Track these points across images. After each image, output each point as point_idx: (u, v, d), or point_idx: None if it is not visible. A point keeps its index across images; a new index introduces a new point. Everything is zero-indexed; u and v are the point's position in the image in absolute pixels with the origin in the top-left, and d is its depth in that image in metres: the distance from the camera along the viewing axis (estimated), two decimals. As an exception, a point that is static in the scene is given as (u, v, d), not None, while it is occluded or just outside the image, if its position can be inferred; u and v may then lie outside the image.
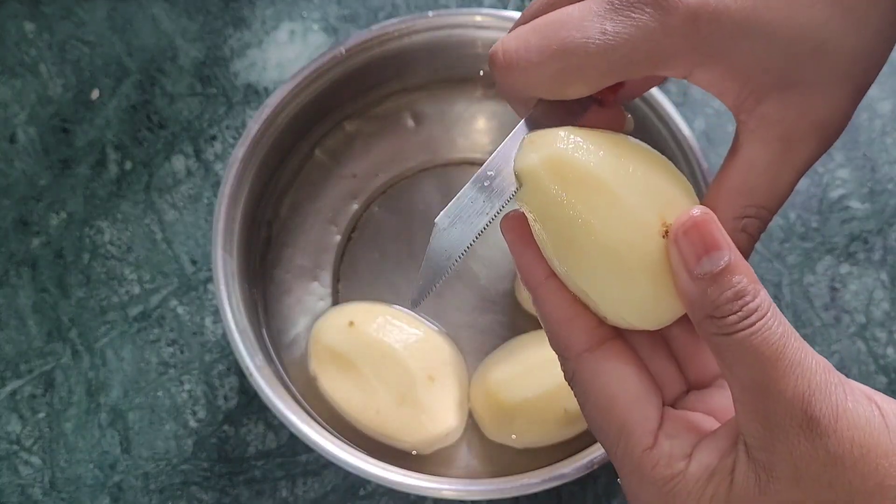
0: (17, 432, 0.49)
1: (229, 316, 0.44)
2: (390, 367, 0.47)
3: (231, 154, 0.48)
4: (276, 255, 0.51)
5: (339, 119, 0.53)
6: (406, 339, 0.47)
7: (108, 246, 0.53)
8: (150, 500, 0.48)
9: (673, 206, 0.26)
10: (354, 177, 0.53)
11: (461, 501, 0.44)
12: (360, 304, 0.50)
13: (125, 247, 0.53)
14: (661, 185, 0.26)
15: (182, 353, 0.51)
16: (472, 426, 0.48)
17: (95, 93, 0.57)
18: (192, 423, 0.49)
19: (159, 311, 0.52)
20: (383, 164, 0.54)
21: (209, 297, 0.52)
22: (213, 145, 0.55)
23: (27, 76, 0.57)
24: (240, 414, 0.50)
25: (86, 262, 0.53)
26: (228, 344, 0.49)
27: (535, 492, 0.42)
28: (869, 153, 0.55)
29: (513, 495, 0.41)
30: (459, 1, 0.59)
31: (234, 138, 0.56)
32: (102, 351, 0.51)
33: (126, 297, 0.52)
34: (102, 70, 0.57)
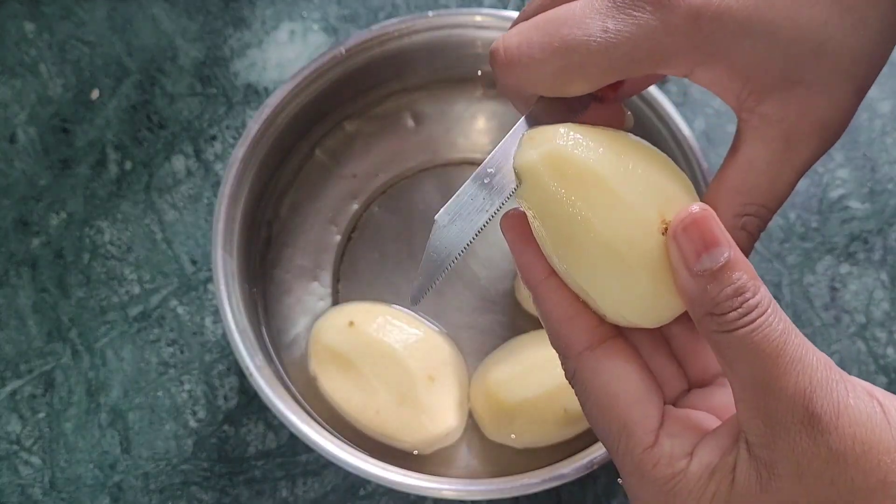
0: (17, 432, 0.49)
1: (229, 316, 0.44)
2: (390, 367, 0.47)
3: (231, 154, 0.48)
4: (276, 255, 0.51)
5: (339, 119, 0.53)
6: (406, 339, 0.47)
7: (108, 246, 0.53)
8: (150, 500, 0.48)
9: (673, 203, 0.26)
10: (354, 177, 0.53)
11: (461, 501, 0.44)
12: (360, 304, 0.50)
13: (125, 247, 0.53)
14: (661, 182, 0.26)
15: (182, 353, 0.51)
16: (472, 426, 0.48)
17: (95, 93, 0.57)
18: (192, 423, 0.49)
19: (159, 311, 0.52)
20: (383, 164, 0.54)
21: (209, 297, 0.52)
22: (213, 145, 0.55)
23: (27, 76, 0.57)
24: (240, 414, 0.50)
25: (86, 262, 0.53)
26: (228, 344, 0.49)
27: (535, 492, 0.42)
28: (869, 153, 0.55)
29: (513, 495, 0.41)
30: (459, 1, 0.59)
31: (234, 138, 0.56)
32: (102, 351, 0.51)
33: (126, 297, 0.52)
34: (102, 70, 0.57)
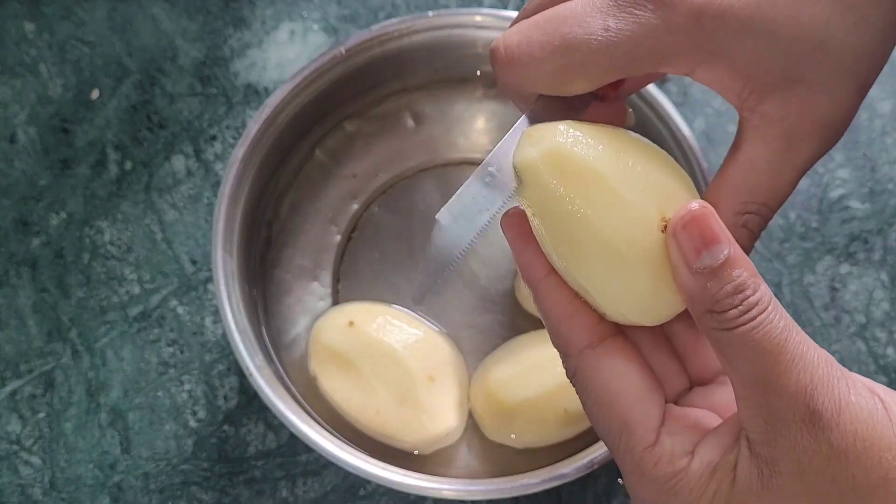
0: (17, 432, 0.49)
1: (229, 316, 0.44)
2: (390, 367, 0.47)
3: (231, 154, 0.48)
4: (276, 255, 0.51)
5: (339, 119, 0.53)
6: (406, 339, 0.47)
7: (108, 246, 0.53)
8: (150, 500, 0.48)
9: (673, 200, 0.26)
10: (354, 177, 0.53)
11: (461, 501, 0.44)
12: (360, 304, 0.50)
13: (125, 247, 0.53)
14: (661, 180, 0.26)
15: (182, 353, 0.51)
16: (472, 426, 0.48)
17: (95, 93, 0.57)
18: (192, 423, 0.49)
19: (159, 311, 0.52)
20: (383, 164, 0.54)
21: (209, 297, 0.52)
22: (213, 145, 0.55)
23: (27, 76, 0.57)
24: (240, 414, 0.50)
25: (86, 262, 0.53)
26: (228, 344, 0.49)
27: (535, 492, 0.42)
28: (869, 153, 0.55)
29: (513, 495, 0.41)
30: (459, 1, 0.59)
31: (234, 138, 0.56)
32: (102, 351, 0.51)
33: (126, 297, 0.52)
34: (102, 70, 0.57)
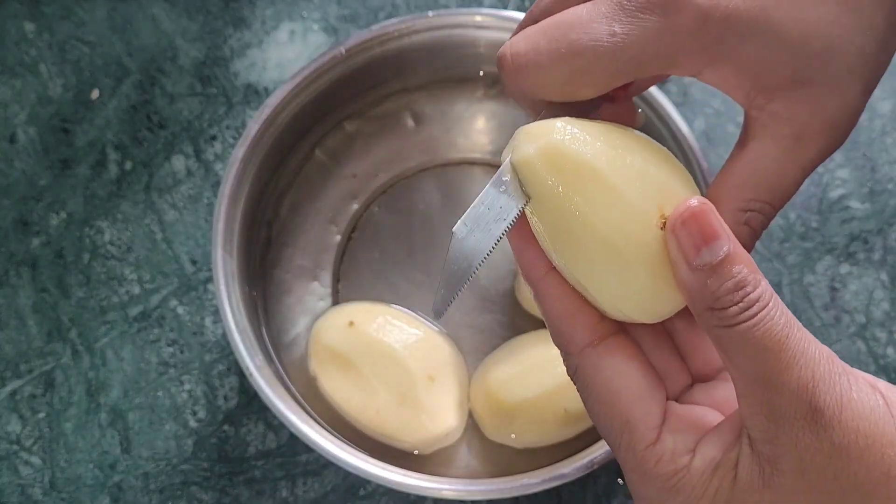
0: (17, 432, 0.49)
1: (229, 316, 0.44)
2: (390, 367, 0.46)
3: (231, 154, 0.48)
4: (276, 255, 0.51)
5: (339, 119, 0.53)
6: (406, 339, 0.47)
7: (108, 246, 0.53)
8: (150, 500, 0.48)
9: (672, 197, 0.26)
10: (354, 177, 0.53)
11: (461, 501, 0.44)
12: (360, 304, 0.50)
13: (125, 247, 0.53)
14: (660, 177, 0.26)
15: (182, 353, 0.51)
16: (472, 426, 0.48)
17: (95, 93, 0.57)
18: (192, 423, 0.49)
19: (159, 311, 0.52)
20: (383, 164, 0.54)
21: (209, 297, 0.52)
22: (213, 145, 0.55)
23: (27, 76, 0.57)
24: (240, 414, 0.50)
25: (86, 262, 0.53)
26: (228, 344, 0.49)
27: (535, 492, 0.42)
28: (869, 153, 0.55)
29: (513, 495, 0.41)
30: (459, 1, 0.59)
31: (234, 138, 0.56)
32: (102, 351, 0.51)
33: (126, 297, 0.52)
34: (102, 70, 0.57)
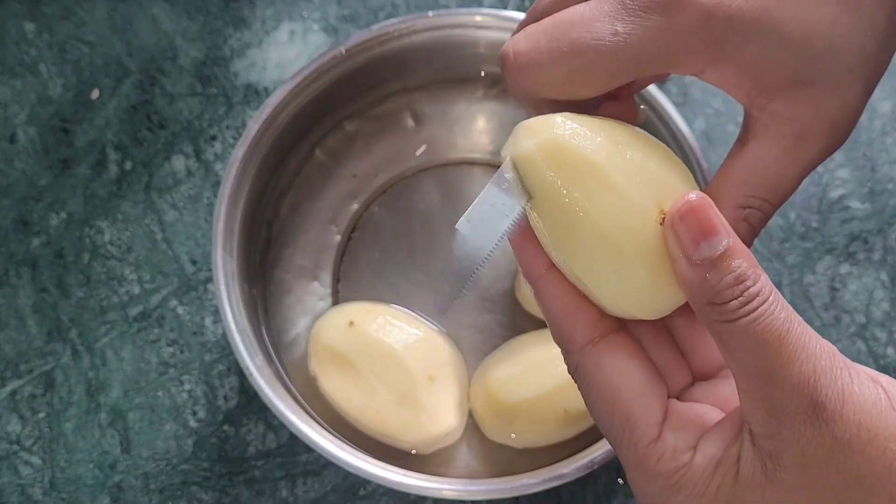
0: (17, 432, 0.49)
1: (229, 316, 0.44)
2: (390, 367, 0.46)
3: (231, 154, 0.48)
4: (276, 255, 0.51)
5: (339, 119, 0.53)
6: (406, 339, 0.47)
7: (108, 246, 0.53)
8: (150, 500, 0.48)
9: (671, 193, 0.26)
10: (354, 177, 0.53)
11: (461, 501, 0.44)
12: (360, 304, 0.50)
13: (125, 247, 0.53)
14: (660, 172, 0.26)
15: (182, 353, 0.51)
16: (472, 426, 0.48)
17: (95, 93, 0.57)
18: (192, 423, 0.49)
19: (159, 311, 0.52)
20: (383, 164, 0.54)
21: (209, 297, 0.52)
22: (213, 145, 0.55)
23: (27, 76, 0.57)
24: (240, 414, 0.50)
25: (86, 262, 0.53)
26: (228, 344, 0.49)
27: (535, 492, 0.42)
28: (869, 153, 0.55)
29: (513, 495, 0.41)
30: (459, 1, 0.59)
31: (234, 138, 0.56)
32: (102, 351, 0.51)
33: (126, 297, 0.52)
34: (102, 70, 0.57)
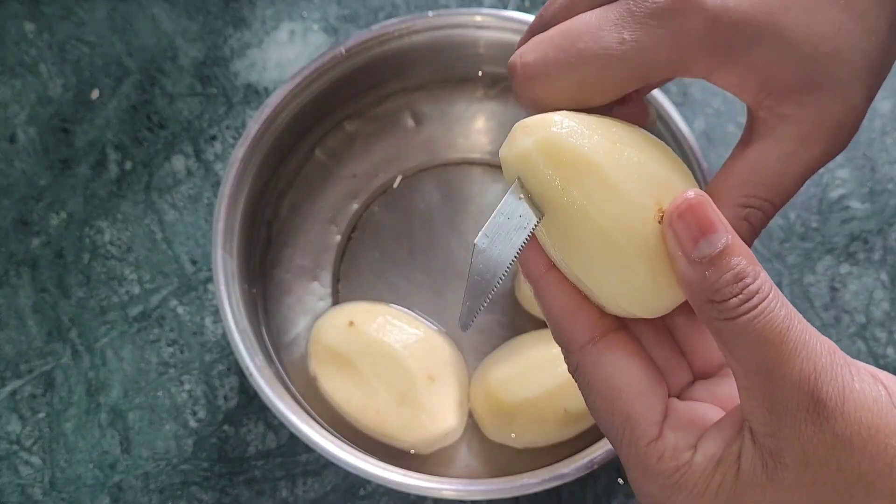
0: (17, 432, 0.49)
1: (229, 316, 0.44)
2: (390, 367, 0.47)
3: (231, 154, 0.48)
4: (276, 255, 0.51)
5: (339, 119, 0.53)
6: (406, 339, 0.47)
7: (108, 246, 0.53)
8: (150, 500, 0.48)
9: (670, 190, 0.26)
10: (354, 177, 0.53)
11: (461, 501, 0.44)
12: (360, 304, 0.50)
13: (125, 247, 0.53)
14: (658, 171, 0.26)
15: (182, 353, 0.51)
16: (472, 426, 0.48)
17: (95, 93, 0.57)
18: (192, 423, 0.49)
19: (159, 311, 0.52)
20: (383, 164, 0.54)
21: (209, 297, 0.52)
22: (213, 145, 0.55)
23: (27, 76, 0.57)
24: (240, 414, 0.50)
25: (86, 262, 0.53)
26: (228, 344, 0.49)
27: (535, 492, 0.42)
28: (869, 153, 0.55)
29: (513, 495, 0.41)
30: (459, 1, 0.59)
31: (234, 138, 0.56)
32: (102, 351, 0.51)
33: (126, 297, 0.52)
34: (102, 70, 0.57)
